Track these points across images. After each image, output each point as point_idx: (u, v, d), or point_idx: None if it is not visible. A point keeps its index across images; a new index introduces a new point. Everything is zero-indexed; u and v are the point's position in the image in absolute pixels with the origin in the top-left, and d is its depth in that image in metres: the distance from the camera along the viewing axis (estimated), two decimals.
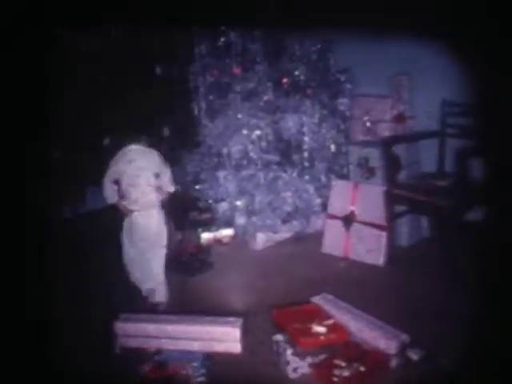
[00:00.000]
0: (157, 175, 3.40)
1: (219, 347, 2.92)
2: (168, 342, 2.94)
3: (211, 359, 2.83)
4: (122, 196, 3.38)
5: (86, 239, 4.12)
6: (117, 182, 3.38)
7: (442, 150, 3.92)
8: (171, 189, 3.50)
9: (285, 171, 4.24)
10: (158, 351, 2.90)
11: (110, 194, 3.39)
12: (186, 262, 4.03)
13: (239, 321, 2.96)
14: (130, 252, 3.42)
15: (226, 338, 2.92)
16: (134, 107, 4.76)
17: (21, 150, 2.04)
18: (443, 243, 3.59)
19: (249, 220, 4.20)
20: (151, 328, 2.97)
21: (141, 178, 3.35)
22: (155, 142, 3.63)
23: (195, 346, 2.92)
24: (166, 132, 5.30)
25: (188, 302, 3.48)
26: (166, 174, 3.45)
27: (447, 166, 3.89)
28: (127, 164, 3.34)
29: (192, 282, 3.80)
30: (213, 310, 3.19)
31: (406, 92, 4.18)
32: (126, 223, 3.41)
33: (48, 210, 2.56)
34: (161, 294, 3.45)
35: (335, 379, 2.60)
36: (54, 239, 2.60)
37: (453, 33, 3.64)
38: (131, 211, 3.36)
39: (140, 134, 3.47)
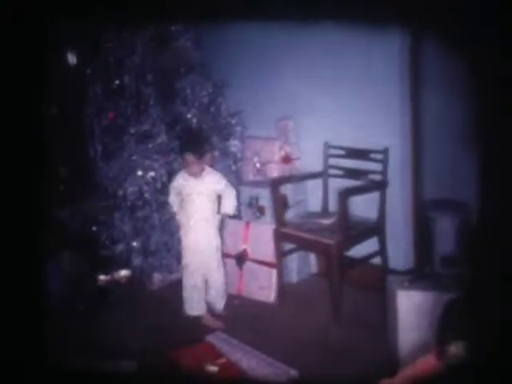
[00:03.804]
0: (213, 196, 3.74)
1: None
2: None
3: None
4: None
5: None
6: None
7: (325, 190, 4.15)
8: (230, 211, 3.80)
9: None
10: None
11: (172, 202, 3.85)
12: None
13: (134, 364, 3.03)
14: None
15: None
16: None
17: None
18: (329, 279, 3.78)
19: (145, 260, 4.25)
20: None
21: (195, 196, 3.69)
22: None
23: None
24: (63, 172, 5.28)
25: (83, 345, 3.44)
26: (227, 197, 3.76)
27: (331, 206, 4.12)
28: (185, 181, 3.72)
29: (89, 323, 3.79)
30: (108, 353, 3.23)
31: (292, 135, 4.35)
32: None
33: None
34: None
35: None
36: None
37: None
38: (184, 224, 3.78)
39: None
